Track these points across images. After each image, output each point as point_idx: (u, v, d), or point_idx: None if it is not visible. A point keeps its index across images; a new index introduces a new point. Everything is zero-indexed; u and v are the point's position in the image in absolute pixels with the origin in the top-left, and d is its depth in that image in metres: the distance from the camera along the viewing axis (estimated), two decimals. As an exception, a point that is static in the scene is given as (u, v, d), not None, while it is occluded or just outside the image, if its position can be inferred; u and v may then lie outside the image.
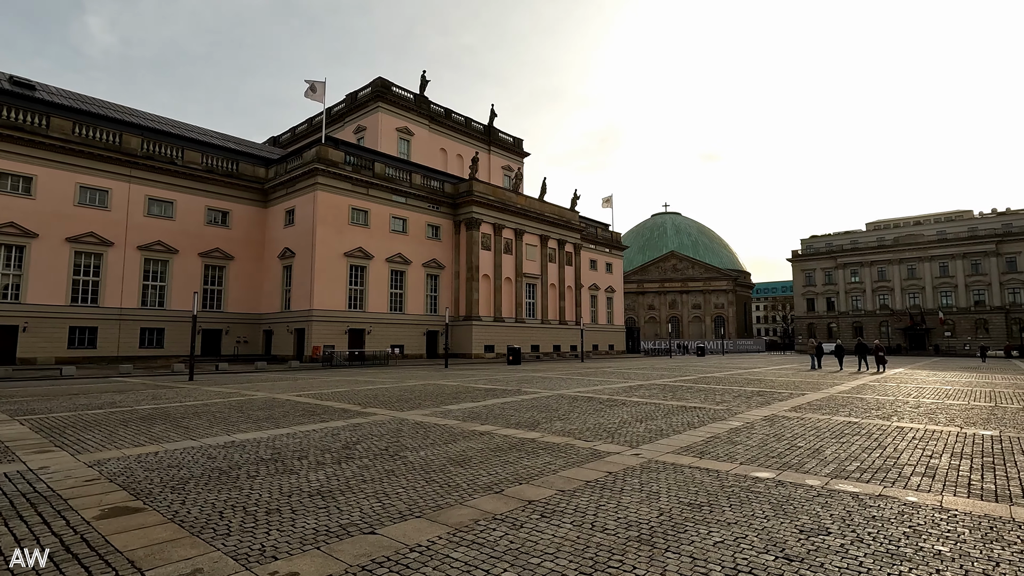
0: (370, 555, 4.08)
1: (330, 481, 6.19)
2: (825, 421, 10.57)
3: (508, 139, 68.23)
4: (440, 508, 5.23)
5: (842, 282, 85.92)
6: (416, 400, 14.04)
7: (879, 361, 27.61)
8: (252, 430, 9.56)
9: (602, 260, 65.42)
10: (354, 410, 12.10)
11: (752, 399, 14.46)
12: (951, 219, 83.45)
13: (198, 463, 7.06)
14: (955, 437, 8.97)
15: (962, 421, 10.73)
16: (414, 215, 45.53)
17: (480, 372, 27.23)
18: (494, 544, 4.31)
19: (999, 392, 16.98)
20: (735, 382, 20.40)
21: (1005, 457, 7.52)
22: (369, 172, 42.51)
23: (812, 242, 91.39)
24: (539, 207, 54.48)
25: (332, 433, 9.23)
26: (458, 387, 17.92)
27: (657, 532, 4.58)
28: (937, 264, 78.47)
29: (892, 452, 7.79)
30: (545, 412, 11.78)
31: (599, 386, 18.35)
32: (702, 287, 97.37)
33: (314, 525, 4.74)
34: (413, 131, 57.69)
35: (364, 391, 16.55)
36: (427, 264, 46.13)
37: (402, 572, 3.79)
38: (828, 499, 5.53)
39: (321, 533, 4.55)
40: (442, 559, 4.01)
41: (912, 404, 13.45)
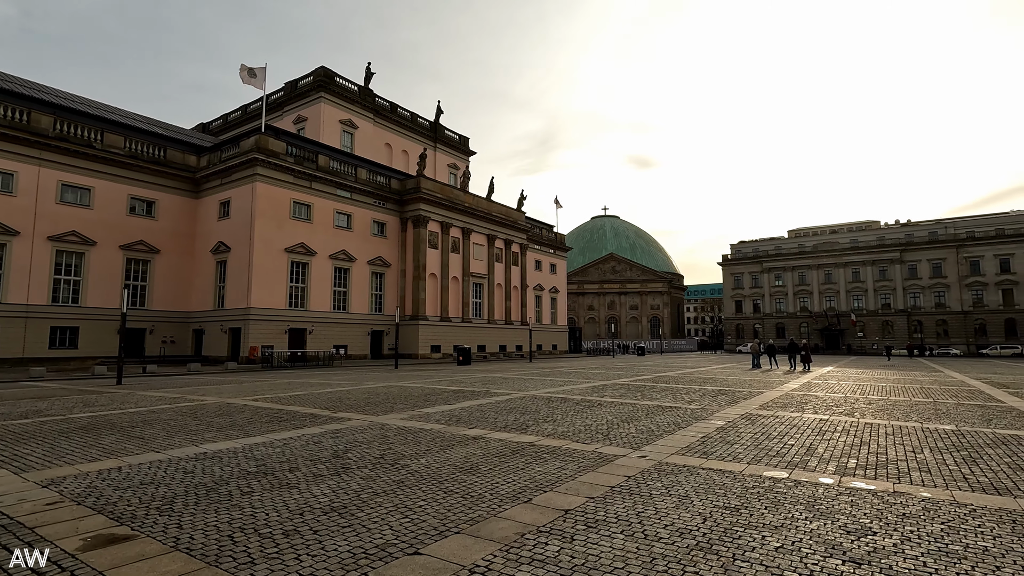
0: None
1: (338, 495, 5.67)
2: (799, 419, 10.98)
3: (454, 137, 67.49)
4: (475, 521, 4.88)
5: (767, 285, 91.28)
6: (386, 403, 13.42)
7: (804, 360, 29.39)
8: (220, 439, 8.72)
9: (547, 261, 66.02)
10: (324, 415, 11.37)
11: (718, 398, 14.89)
12: (862, 229, 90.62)
13: (175, 479, 6.30)
14: (922, 432, 9.54)
15: (917, 417, 11.47)
16: (359, 211, 44.02)
17: (435, 373, 26.62)
18: (556, 560, 4.03)
19: (927, 388, 18.43)
20: (692, 381, 21.02)
21: (977, 451, 8.04)
22: (312, 164, 40.66)
23: (740, 247, 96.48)
24: (487, 206, 54.20)
25: (313, 441, 8.58)
26: (423, 389, 17.35)
27: (713, 539, 4.47)
28: (850, 270, 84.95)
29: (877, 448, 8.15)
30: (527, 414, 11.55)
31: (565, 386, 18.34)
32: (639, 289, 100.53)
33: (347, 547, 4.27)
34: (357, 124, 55.82)
35: (325, 394, 15.68)
36: (372, 262, 44.73)
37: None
38: (851, 497, 5.64)
39: (360, 556, 4.10)
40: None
41: (864, 401, 14.29)
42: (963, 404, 13.83)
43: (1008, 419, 11.24)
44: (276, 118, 54.95)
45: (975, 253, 76.56)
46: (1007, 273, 74.22)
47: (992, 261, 75.35)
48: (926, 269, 79.40)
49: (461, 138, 68.46)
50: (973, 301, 76.32)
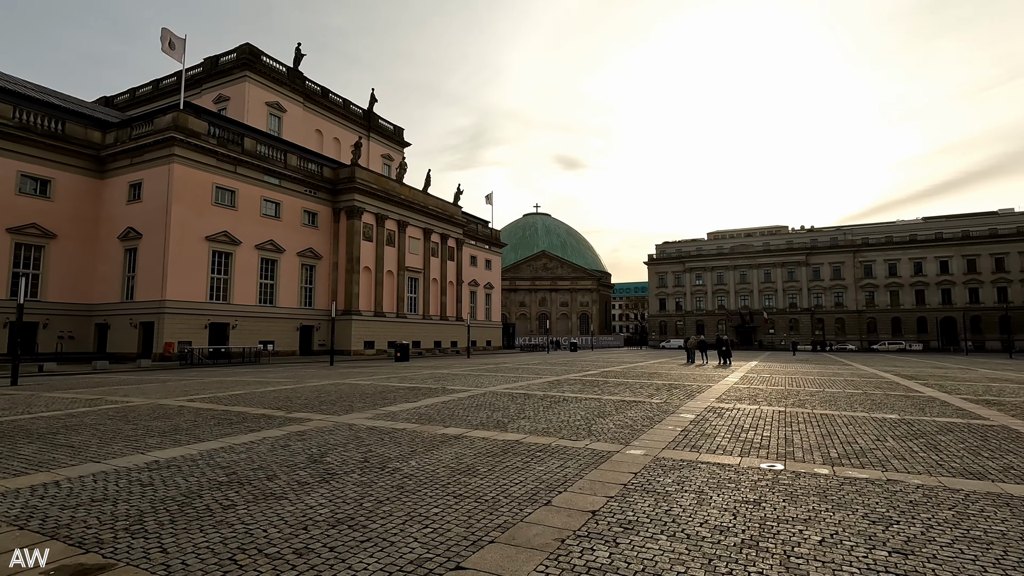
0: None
1: (338, 505, 5.11)
2: (760, 412, 11.41)
3: (389, 127, 65.53)
4: (504, 528, 4.53)
5: (688, 285, 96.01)
6: (342, 402, 12.61)
7: (725, 355, 31.06)
8: (169, 445, 7.75)
9: (482, 256, 65.71)
10: (279, 416, 10.46)
11: (674, 392, 15.26)
12: (773, 233, 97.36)
13: (133, 493, 5.45)
14: (875, 422, 10.17)
15: (861, 407, 12.26)
16: (289, 199, 41.64)
17: (376, 370, 25.60)
18: (614, 568, 3.78)
19: (851, 381, 19.93)
20: (639, 376, 21.52)
21: (932, 439, 8.63)
22: (238, 147, 37.94)
23: (665, 248, 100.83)
24: (423, 200, 53.05)
25: (280, 445, 7.81)
26: (375, 386, 16.54)
27: (755, 536, 4.38)
28: (763, 271, 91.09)
29: (847, 438, 8.55)
30: (498, 411, 11.22)
31: (520, 382, 18.16)
32: (570, 286, 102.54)
33: (378, 566, 3.79)
34: (286, 108, 52.77)
35: (269, 393, 14.53)
36: (303, 253, 42.48)
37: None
38: (854, 486, 5.79)
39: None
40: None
41: (806, 393, 15.16)
42: (890, 395, 15.00)
43: (937, 408, 12.27)
44: (194, 95, 50.82)
45: (868, 257, 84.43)
46: (894, 276, 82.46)
47: (882, 265, 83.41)
48: (828, 271, 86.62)
49: (396, 128, 66.59)
50: (866, 301, 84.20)
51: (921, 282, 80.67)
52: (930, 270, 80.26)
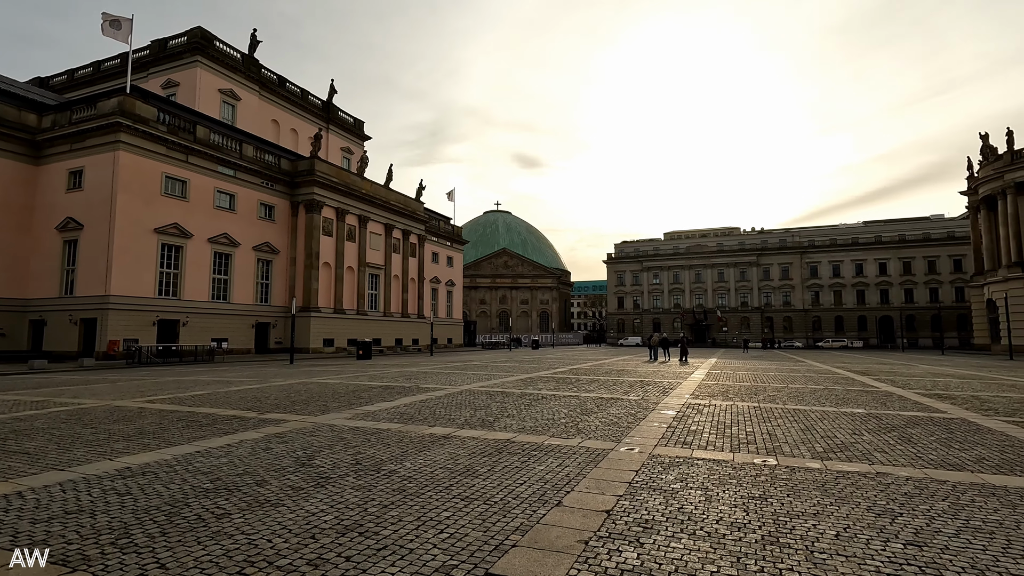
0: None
1: (341, 511, 4.85)
2: (737, 408, 11.67)
3: (349, 119, 63.95)
4: (522, 531, 4.40)
5: (646, 283, 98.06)
6: (315, 402, 12.15)
7: (683, 352, 31.89)
8: (139, 450, 7.23)
9: (444, 253, 65.09)
10: (252, 417, 9.97)
11: (648, 389, 15.47)
12: (727, 234, 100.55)
13: (111, 503, 5.03)
14: (844, 416, 10.56)
15: (828, 402, 12.74)
16: (245, 191, 40.03)
17: (341, 368, 24.90)
18: (647, 570, 3.71)
19: (809, 376, 20.74)
20: (608, 373, 21.74)
21: (902, 432, 9.01)
22: (189, 135, 36.17)
23: (624, 247, 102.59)
24: (385, 194, 52.08)
25: (261, 447, 7.42)
26: (345, 386, 16.04)
27: (773, 532, 4.41)
28: (716, 271, 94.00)
29: (826, 432, 8.82)
30: (480, 410, 11.06)
31: (492, 380, 18.01)
32: (530, 284, 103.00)
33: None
34: (240, 96, 50.66)
35: (233, 393, 13.86)
36: (259, 248, 40.95)
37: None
38: (849, 480, 5.95)
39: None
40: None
41: (772, 389, 15.64)
42: (850, 390, 15.67)
43: (897, 402, 12.88)
44: (140, 80, 48.11)
45: (814, 259, 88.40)
46: (838, 277, 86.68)
47: (827, 266, 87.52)
48: (777, 272, 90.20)
49: (356, 121, 65.07)
50: (812, 300, 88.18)
51: (862, 283, 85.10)
52: (870, 271, 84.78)
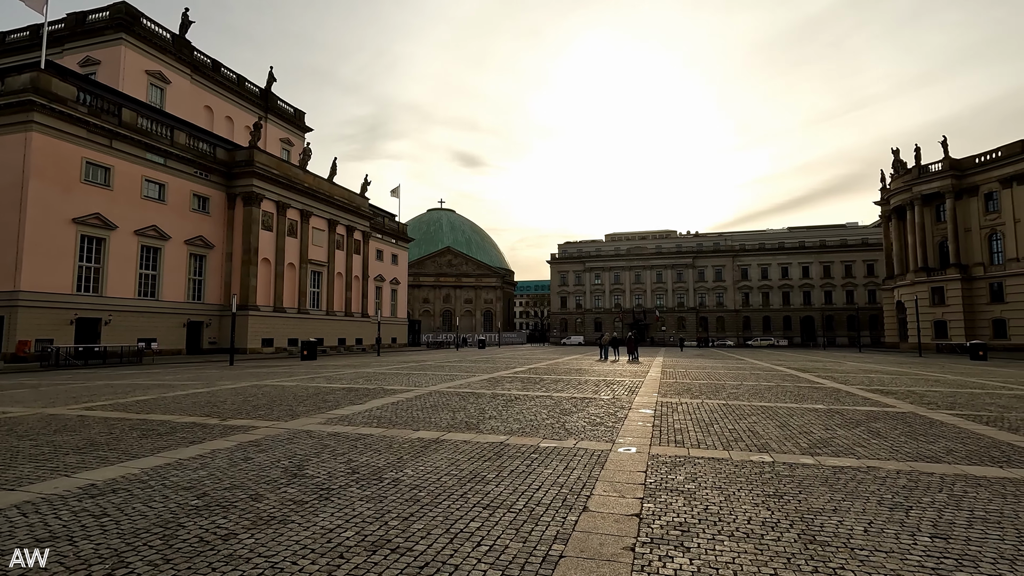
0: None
1: (359, 525, 4.49)
2: (707, 405, 11.98)
3: (289, 109, 61.19)
4: (561, 539, 4.23)
5: (588, 284, 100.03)
6: (277, 406, 11.42)
7: (629, 351, 32.89)
8: (96, 465, 6.47)
9: (389, 251, 63.61)
10: (215, 424, 9.21)
11: (614, 387, 15.64)
12: (665, 237, 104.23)
13: (88, 527, 4.42)
14: (810, 412, 11.06)
15: (788, 399, 13.33)
16: (176, 181, 37.40)
17: (290, 369, 23.69)
18: (704, 574, 3.64)
19: (758, 374, 21.72)
20: (567, 372, 21.87)
21: (868, 426, 9.52)
22: (114, 118, 33.39)
23: (567, 247, 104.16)
24: (329, 189, 50.23)
25: (239, 457, 6.83)
26: (303, 388, 15.21)
27: (805, 531, 4.46)
28: (655, 272, 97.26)
29: (801, 428, 9.18)
30: (459, 412, 10.75)
31: (457, 380, 17.66)
32: (474, 283, 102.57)
33: (461, 594, 3.34)
34: (170, 79, 47.30)
35: (182, 398, 12.80)
36: (192, 241, 38.39)
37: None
38: (847, 475, 6.16)
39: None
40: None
41: (732, 388, 16.22)
42: (800, 386, 16.51)
43: (847, 397, 13.67)
44: (55, 55, 43.92)
45: (745, 262, 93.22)
46: (766, 279, 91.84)
47: (756, 269, 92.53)
48: (711, 274, 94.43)
49: (296, 112, 62.38)
50: (742, 301, 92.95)
51: (787, 284, 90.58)
52: (794, 274, 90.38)
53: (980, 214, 55.78)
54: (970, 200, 56.56)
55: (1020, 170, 51.84)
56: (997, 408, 11.83)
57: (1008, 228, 53.02)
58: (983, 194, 55.56)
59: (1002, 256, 53.99)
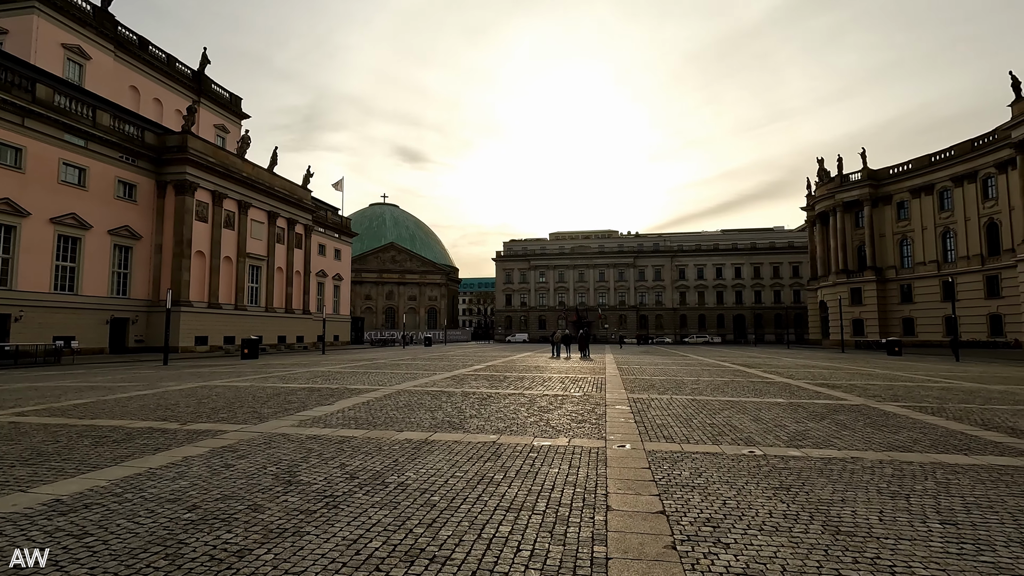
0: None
1: (384, 534, 4.22)
2: (676, 401, 12.28)
3: (224, 94, 57.81)
4: (599, 540, 4.14)
5: (533, 281, 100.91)
6: (239, 408, 10.69)
7: (580, 348, 33.72)
8: (54, 478, 5.78)
9: (331, 245, 61.51)
10: (175, 429, 8.49)
11: (581, 384, 15.76)
12: (607, 236, 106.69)
13: (72, 550, 3.90)
14: (775, 406, 11.55)
15: (749, 394, 13.88)
16: (99, 166, 34.50)
17: (234, 369, 22.36)
18: (759, 572, 3.65)
19: (710, 370, 22.55)
20: (527, 369, 21.88)
21: (832, 418, 10.04)
22: (26, 95, 30.39)
23: (512, 245, 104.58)
24: (269, 179, 47.91)
25: (218, 464, 6.29)
26: (260, 388, 14.34)
27: (827, 521, 4.59)
28: (598, 271, 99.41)
29: (775, 422, 9.55)
30: (438, 411, 10.45)
31: (420, 379, 17.23)
32: (418, 280, 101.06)
33: (525, 604, 3.17)
34: (90, 55, 43.53)
35: (126, 400, 11.73)
36: (117, 232, 35.55)
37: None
38: (838, 465, 6.44)
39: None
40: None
41: (692, 383, 16.73)
42: (754, 381, 17.27)
43: (801, 392, 14.40)
44: (-48, 21, 39.41)
45: (683, 262, 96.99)
46: (702, 279, 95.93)
47: (693, 269, 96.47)
48: (651, 273, 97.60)
49: (233, 97, 59.06)
50: (680, 300, 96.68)
51: (721, 284, 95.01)
52: (728, 275, 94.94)
53: (893, 221, 60.61)
54: (884, 208, 61.33)
55: (927, 182, 56.74)
56: (934, 400, 12.82)
57: (916, 234, 57.90)
58: (896, 203, 60.40)
59: (911, 260, 58.89)
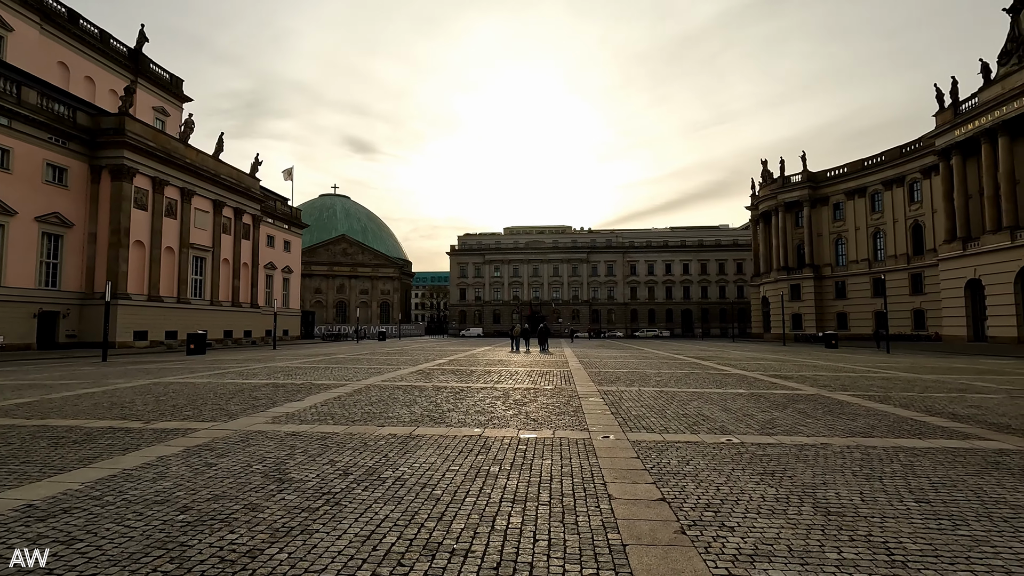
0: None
1: (396, 529, 4.17)
2: (643, 392, 12.62)
3: (164, 75, 54.57)
4: (610, 528, 4.24)
5: (488, 276, 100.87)
6: (203, 406, 10.21)
7: (540, 343, 34.23)
8: (18, 481, 5.36)
9: (281, 237, 59.39)
10: (139, 428, 8.02)
11: (549, 378, 15.93)
12: (561, 232, 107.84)
13: (65, 557, 3.65)
14: (738, 397, 12.06)
15: (709, 385, 14.42)
16: (25, 147, 31.97)
17: (185, 365, 21.29)
18: (769, 553, 3.84)
19: (668, 363, 23.26)
20: (491, 363, 21.90)
21: (793, 407, 10.59)
22: (-59, 67, 27.71)
23: (467, 239, 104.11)
24: (214, 166, 45.72)
25: (199, 463, 6.01)
26: (221, 385, 13.72)
27: (820, 504, 4.86)
28: (552, 266, 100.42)
29: (744, 412, 9.98)
30: (415, 406, 10.33)
31: (385, 374, 16.93)
32: (371, 273, 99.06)
33: (559, 592, 3.22)
34: (12, 26, 40.13)
35: (76, 399, 10.97)
36: (45, 219, 33.08)
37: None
38: (811, 451, 6.82)
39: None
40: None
41: (655, 376, 17.21)
42: (711, 373, 17.94)
43: (758, 383, 15.09)
44: None
45: (634, 258, 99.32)
46: (652, 275, 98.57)
47: (644, 265, 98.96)
48: (604, 269, 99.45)
49: (173, 78, 55.85)
50: (631, 295, 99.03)
51: (670, 280, 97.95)
52: (676, 271, 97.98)
53: (829, 221, 64.17)
54: (822, 209, 64.82)
55: (860, 185, 60.36)
56: (879, 389, 13.73)
57: (850, 234, 61.53)
58: (832, 204, 63.95)
59: (845, 259, 62.56)
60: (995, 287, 41.29)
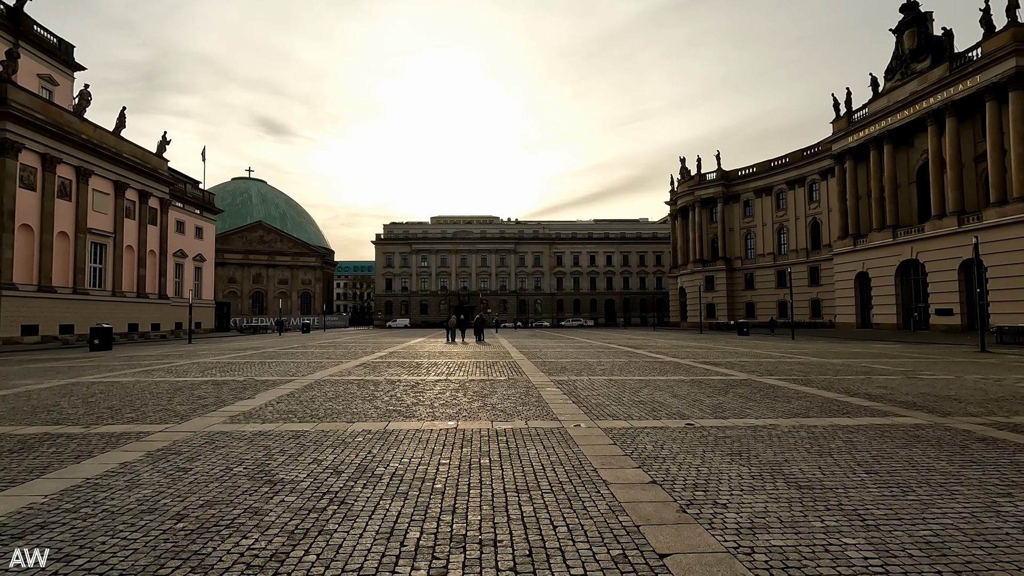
0: None
1: (414, 525, 4.21)
2: (597, 381, 13.13)
3: (51, 39, 48.67)
4: (617, 511, 4.51)
5: (415, 266, 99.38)
6: (146, 407, 9.46)
7: (476, 332, 34.68)
8: (-36, 498, 4.83)
9: (192, 222, 55.27)
10: (83, 433, 7.34)
11: (499, 368, 16.12)
12: (489, 222, 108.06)
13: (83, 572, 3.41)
14: (682, 384, 12.86)
15: (652, 373, 15.22)
16: None
17: (97, 363, 19.42)
18: (767, 524, 4.26)
19: (604, 352, 24.17)
20: (433, 355, 21.77)
21: (737, 392, 11.46)
22: None
23: (393, 228, 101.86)
24: (115, 144, 41.71)
25: (173, 468, 5.66)
26: (155, 384, 12.69)
27: (793, 478, 5.40)
28: (480, 256, 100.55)
29: (693, 398, 10.69)
30: (375, 400, 10.15)
31: (329, 369, 16.38)
32: (291, 262, 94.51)
33: None
34: None
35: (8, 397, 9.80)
36: (-91, 197, 28.79)
37: None
38: (762, 431, 7.49)
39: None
40: None
41: (597, 365, 17.87)
42: (648, 362, 18.91)
43: (694, 370, 16.10)
44: None
45: (560, 249, 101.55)
46: (577, 266, 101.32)
47: (569, 256, 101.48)
48: (531, 259, 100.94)
49: (63, 43, 49.98)
50: (557, 285, 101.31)
51: (594, 271, 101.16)
52: (600, 262, 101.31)
53: (740, 217, 68.87)
54: (734, 205, 69.42)
55: (767, 184, 65.19)
56: (799, 374, 15.11)
57: (758, 230, 66.40)
58: (743, 201, 68.64)
59: (753, 252, 67.48)
60: (879, 279, 46.28)
